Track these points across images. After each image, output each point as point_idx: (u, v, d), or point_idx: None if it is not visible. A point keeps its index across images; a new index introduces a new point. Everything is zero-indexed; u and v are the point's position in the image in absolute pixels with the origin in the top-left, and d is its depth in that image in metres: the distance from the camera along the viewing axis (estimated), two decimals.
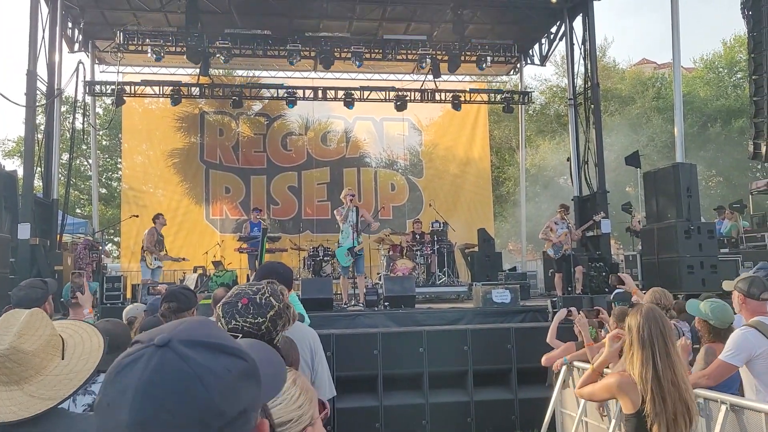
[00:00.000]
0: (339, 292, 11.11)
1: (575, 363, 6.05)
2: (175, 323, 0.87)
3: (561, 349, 6.31)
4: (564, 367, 6.33)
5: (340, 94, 16.27)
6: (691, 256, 10.41)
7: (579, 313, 5.98)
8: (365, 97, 16.48)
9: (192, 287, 8.75)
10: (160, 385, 0.77)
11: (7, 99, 11.40)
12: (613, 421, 5.05)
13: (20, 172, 12.99)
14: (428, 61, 15.28)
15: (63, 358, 1.65)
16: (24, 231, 10.99)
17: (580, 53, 14.50)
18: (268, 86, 16.99)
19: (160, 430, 0.76)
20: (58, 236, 12.57)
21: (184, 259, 13.47)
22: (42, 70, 12.37)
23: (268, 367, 0.92)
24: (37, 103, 12.51)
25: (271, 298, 2.01)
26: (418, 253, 13.36)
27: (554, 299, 9.72)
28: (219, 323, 1.95)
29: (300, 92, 16.35)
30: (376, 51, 15.31)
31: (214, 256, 14.53)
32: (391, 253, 13.32)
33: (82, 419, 1.76)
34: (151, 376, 0.78)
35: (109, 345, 1.81)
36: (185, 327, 0.85)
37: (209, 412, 0.78)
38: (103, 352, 1.73)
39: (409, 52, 15.41)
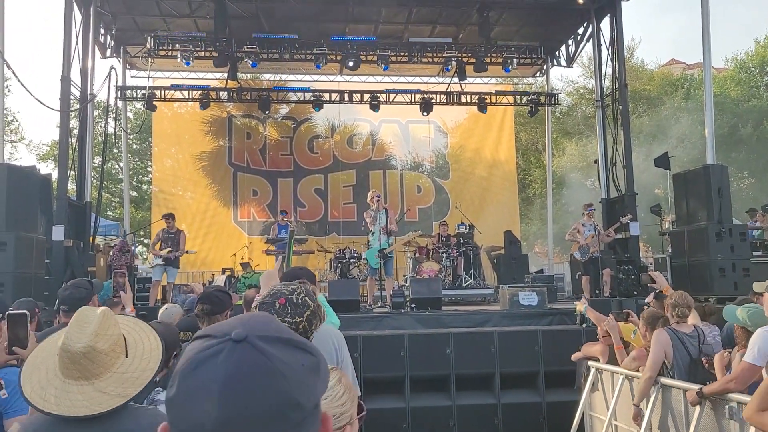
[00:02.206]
0: (365, 294, 11.17)
1: (605, 367, 6.02)
2: (243, 318, 0.89)
3: (599, 347, 6.25)
4: (593, 371, 6.30)
5: (366, 97, 16.35)
6: (723, 258, 10.27)
7: (609, 316, 5.97)
8: (391, 100, 16.53)
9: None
10: (245, 380, 0.79)
11: (43, 104, 11.73)
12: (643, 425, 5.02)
13: (54, 175, 13.31)
14: (454, 63, 15.26)
15: (127, 356, 1.72)
16: (58, 233, 11.26)
17: (608, 54, 14.37)
18: (295, 90, 17.14)
19: (246, 424, 0.77)
20: (91, 238, 12.83)
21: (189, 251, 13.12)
22: (75, 76, 12.68)
23: (323, 362, 0.93)
24: (71, 108, 12.81)
25: (306, 298, 2.06)
26: (445, 255, 13.37)
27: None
28: None
29: (326, 95, 16.46)
30: (402, 54, 15.35)
31: (242, 258, 14.69)
32: (417, 255, 13.34)
33: (146, 412, 1.83)
34: (235, 370, 0.79)
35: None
36: (257, 322, 0.87)
37: (290, 405, 0.80)
38: (162, 352, 1.79)
39: (434, 54, 15.42)
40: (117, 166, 26.71)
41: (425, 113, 16.66)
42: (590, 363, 6.39)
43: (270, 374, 0.80)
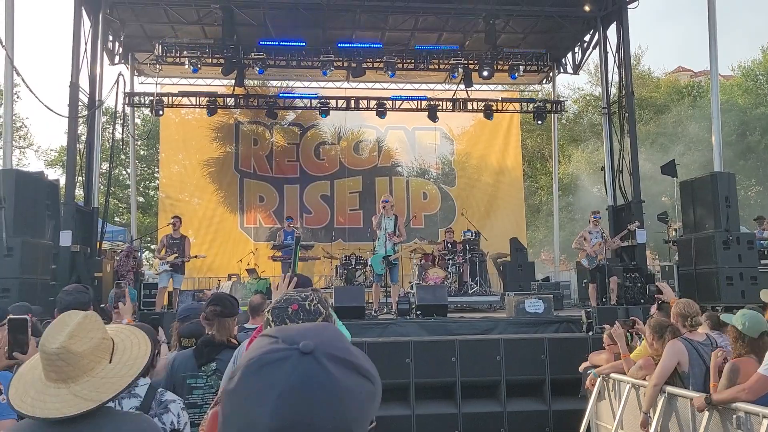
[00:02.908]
0: (370, 300, 11.15)
1: (612, 375, 5.99)
2: (315, 329, 0.89)
3: (610, 366, 6.21)
4: (599, 379, 6.28)
5: (373, 103, 16.39)
6: (730, 267, 10.21)
7: (615, 324, 5.94)
8: (397, 107, 16.57)
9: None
10: (305, 395, 0.79)
11: (51, 110, 11.79)
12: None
13: (62, 181, 13.39)
14: (460, 70, 15.30)
15: (110, 362, 1.71)
16: (65, 238, 11.30)
17: (614, 61, 14.36)
18: (302, 96, 17.20)
19: None
20: (98, 243, 12.88)
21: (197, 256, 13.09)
22: (84, 82, 12.77)
23: (379, 387, 0.93)
24: (79, 114, 12.89)
25: (319, 305, 2.06)
26: (450, 262, 13.35)
27: (589, 310, 9.61)
28: (269, 327, 2.00)
29: (333, 102, 16.52)
30: (408, 61, 15.40)
31: (248, 264, 14.70)
32: (423, 262, 13.32)
33: (131, 418, 1.83)
34: (297, 383, 0.79)
35: None
36: (328, 338, 0.87)
37: (341, 429, 0.80)
38: (148, 360, 1.80)
39: (441, 61, 15.47)
40: (124, 172, 26.83)
41: (432, 120, 16.69)
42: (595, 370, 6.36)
43: (330, 394, 0.80)
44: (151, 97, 15.88)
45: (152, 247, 23.43)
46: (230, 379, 0.84)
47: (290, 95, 17.34)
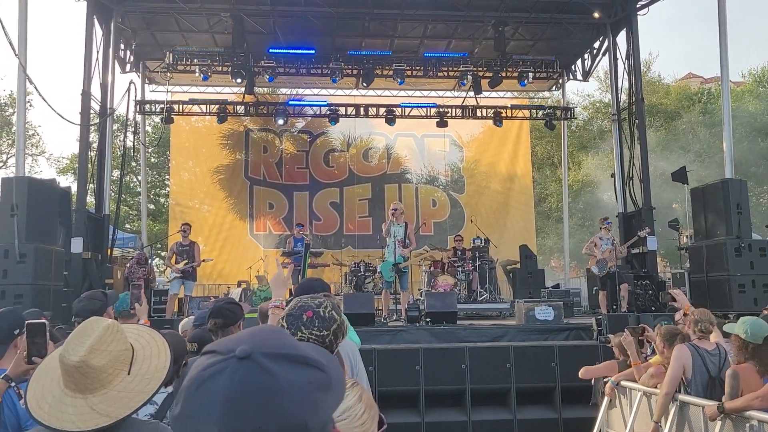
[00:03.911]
0: (380, 307, 11.14)
1: (622, 383, 5.95)
2: (251, 332, 0.87)
3: (603, 366, 6.21)
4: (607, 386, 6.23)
5: (382, 111, 16.42)
6: (742, 274, 10.15)
7: (624, 332, 5.90)
8: (406, 114, 16.60)
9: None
10: (247, 400, 0.77)
11: (63, 118, 11.88)
12: None
13: (74, 188, 13.47)
14: (469, 77, 15.31)
15: (129, 374, 1.68)
16: (77, 245, 11.39)
17: (624, 68, 14.34)
18: (312, 104, 17.26)
19: None
20: (109, 250, 12.96)
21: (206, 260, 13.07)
22: (95, 91, 12.87)
23: (335, 374, 0.90)
24: (91, 122, 13.00)
25: (332, 311, 2.06)
26: (460, 269, 13.32)
27: (599, 317, 9.56)
28: None
29: (342, 109, 16.57)
30: (418, 68, 15.43)
31: (258, 271, 14.74)
32: (432, 269, 13.30)
33: (149, 428, 1.82)
34: (238, 390, 0.77)
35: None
36: (264, 338, 0.85)
37: (295, 425, 0.78)
38: (167, 374, 1.76)
39: (450, 68, 15.49)
40: (135, 180, 26.98)
41: (441, 127, 16.71)
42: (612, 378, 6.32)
43: (273, 394, 0.78)
44: (162, 105, 15.98)
45: (162, 254, 23.51)
46: (175, 404, 0.82)
47: (300, 103, 17.41)
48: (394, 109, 16.38)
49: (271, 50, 14.84)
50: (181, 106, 16.32)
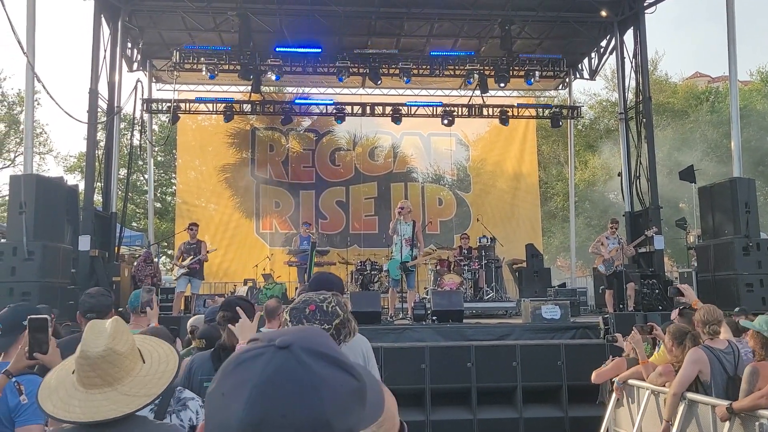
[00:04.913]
0: (386, 306, 11.15)
1: (630, 381, 5.93)
2: (297, 329, 0.89)
3: (611, 366, 6.19)
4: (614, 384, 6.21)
5: (388, 109, 16.42)
6: (750, 273, 10.11)
7: (633, 331, 5.87)
8: (413, 113, 16.60)
9: None
10: (279, 387, 0.78)
11: (71, 116, 11.91)
12: None
13: (81, 186, 13.54)
14: (476, 76, 15.28)
15: (144, 362, 1.74)
16: (84, 243, 11.44)
17: (631, 67, 14.30)
18: (318, 103, 17.27)
19: (270, 431, 0.77)
20: (116, 248, 13.01)
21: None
22: (103, 89, 12.92)
23: (372, 393, 0.89)
24: (98, 121, 13.05)
25: (336, 307, 2.08)
26: (466, 268, 13.31)
27: (606, 316, 9.52)
28: (285, 327, 2.02)
29: (348, 108, 16.57)
30: (424, 67, 15.42)
31: (264, 269, 14.77)
32: (438, 267, 13.30)
33: (163, 428, 1.84)
34: (271, 375, 0.79)
35: None
36: (308, 335, 0.87)
37: (319, 422, 0.78)
38: (177, 357, 1.81)
39: (456, 67, 15.47)
40: (142, 178, 27.05)
41: (447, 126, 16.69)
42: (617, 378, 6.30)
43: (304, 386, 0.79)
44: (169, 104, 16.03)
45: (170, 252, 23.60)
46: (212, 381, 0.85)
47: (306, 101, 17.43)
48: (401, 107, 16.38)
49: (277, 49, 14.85)
50: (187, 104, 16.36)
